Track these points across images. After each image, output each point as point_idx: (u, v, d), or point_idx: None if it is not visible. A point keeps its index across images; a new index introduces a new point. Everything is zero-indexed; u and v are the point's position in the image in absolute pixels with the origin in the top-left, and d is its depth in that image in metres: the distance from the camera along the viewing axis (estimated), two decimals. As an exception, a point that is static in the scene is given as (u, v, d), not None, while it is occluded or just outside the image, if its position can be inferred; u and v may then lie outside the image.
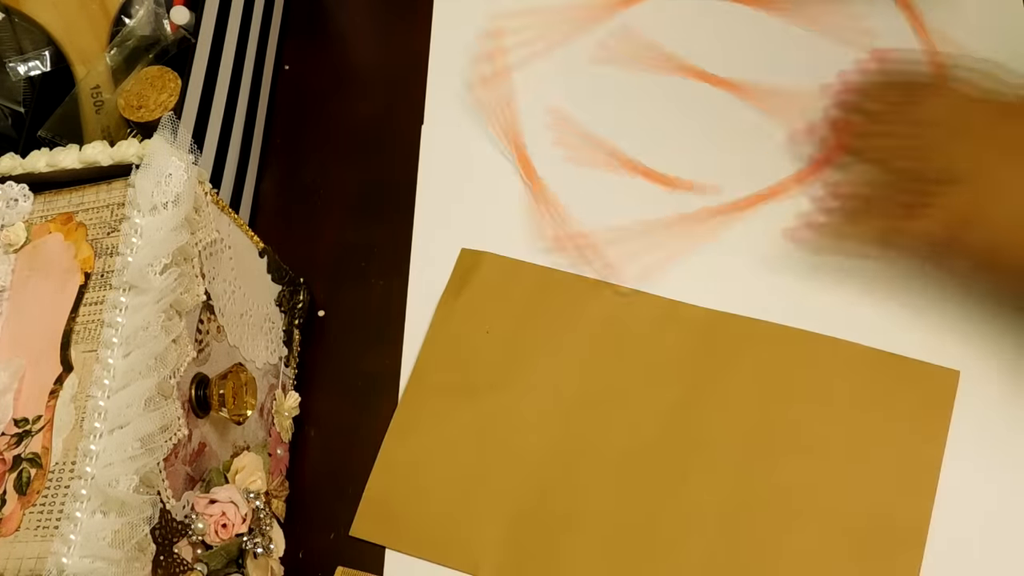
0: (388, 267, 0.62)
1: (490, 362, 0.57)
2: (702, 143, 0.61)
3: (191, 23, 0.61)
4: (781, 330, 0.54)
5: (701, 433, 0.52)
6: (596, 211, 0.60)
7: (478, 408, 0.55)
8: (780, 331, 0.54)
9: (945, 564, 0.47)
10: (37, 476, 0.41)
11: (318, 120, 0.69)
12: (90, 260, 0.46)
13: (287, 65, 0.72)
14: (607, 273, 0.57)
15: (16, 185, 0.50)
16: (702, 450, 0.52)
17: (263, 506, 0.49)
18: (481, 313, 0.58)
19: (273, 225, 0.65)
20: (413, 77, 0.68)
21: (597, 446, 0.53)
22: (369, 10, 0.74)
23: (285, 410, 0.56)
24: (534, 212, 0.60)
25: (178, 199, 0.45)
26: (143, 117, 0.60)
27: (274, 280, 0.57)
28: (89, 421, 0.40)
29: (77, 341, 0.44)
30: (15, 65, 0.63)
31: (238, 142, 0.64)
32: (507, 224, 0.61)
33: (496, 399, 0.55)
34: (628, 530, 0.51)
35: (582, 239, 0.59)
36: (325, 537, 0.54)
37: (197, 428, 0.46)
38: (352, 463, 0.56)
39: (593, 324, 0.56)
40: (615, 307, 0.56)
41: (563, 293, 0.58)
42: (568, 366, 0.55)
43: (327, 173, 0.67)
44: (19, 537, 0.40)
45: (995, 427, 0.50)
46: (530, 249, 0.59)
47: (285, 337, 0.58)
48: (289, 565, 0.53)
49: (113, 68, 0.62)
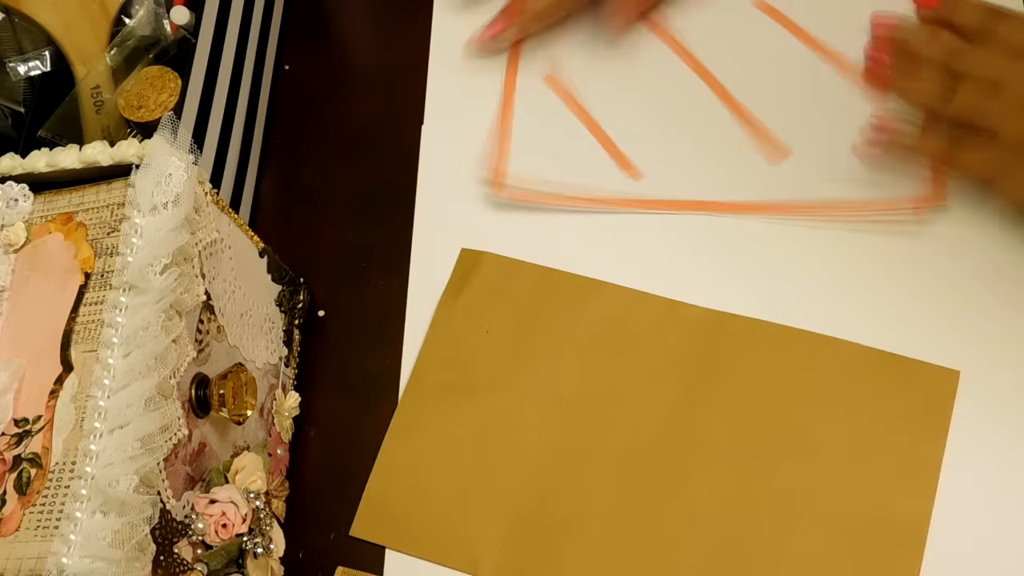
0: (388, 267, 0.62)
1: (490, 362, 0.57)
2: (680, 142, 0.61)
3: (191, 23, 0.61)
4: (781, 330, 0.54)
5: (701, 434, 0.52)
6: (540, 161, 0.62)
7: (478, 408, 0.55)
8: (780, 331, 0.54)
9: (945, 565, 0.47)
10: (37, 476, 0.41)
11: (318, 120, 0.69)
12: (90, 260, 0.46)
13: (287, 65, 0.72)
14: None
15: (16, 185, 0.50)
16: (702, 450, 0.52)
17: (263, 506, 0.49)
18: (481, 313, 0.58)
19: (273, 225, 0.65)
20: (413, 77, 0.68)
21: (597, 446, 0.53)
22: (369, 10, 0.74)
23: (285, 410, 0.56)
24: (492, 137, 0.62)
25: (178, 199, 0.45)
26: (143, 117, 0.60)
27: (274, 280, 0.57)
28: (89, 421, 0.40)
29: (77, 341, 0.44)
30: (15, 65, 0.63)
31: (238, 142, 0.64)
32: (507, 224, 0.61)
33: (496, 399, 0.55)
34: (628, 530, 0.51)
35: (514, 179, 0.60)
36: (325, 537, 0.54)
37: (197, 428, 0.46)
38: (352, 463, 0.56)
39: (593, 324, 0.56)
40: (615, 307, 0.56)
41: (563, 293, 0.58)
42: (568, 366, 0.55)
43: (327, 173, 0.67)
44: (19, 537, 0.40)
45: (995, 427, 0.50)
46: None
47: (285, 337, 0.58)
48: (289, 565, 0.53)
49: (113, 68, 0.62)
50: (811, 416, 0.51)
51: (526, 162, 0.62)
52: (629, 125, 0.62)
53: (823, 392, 0.52)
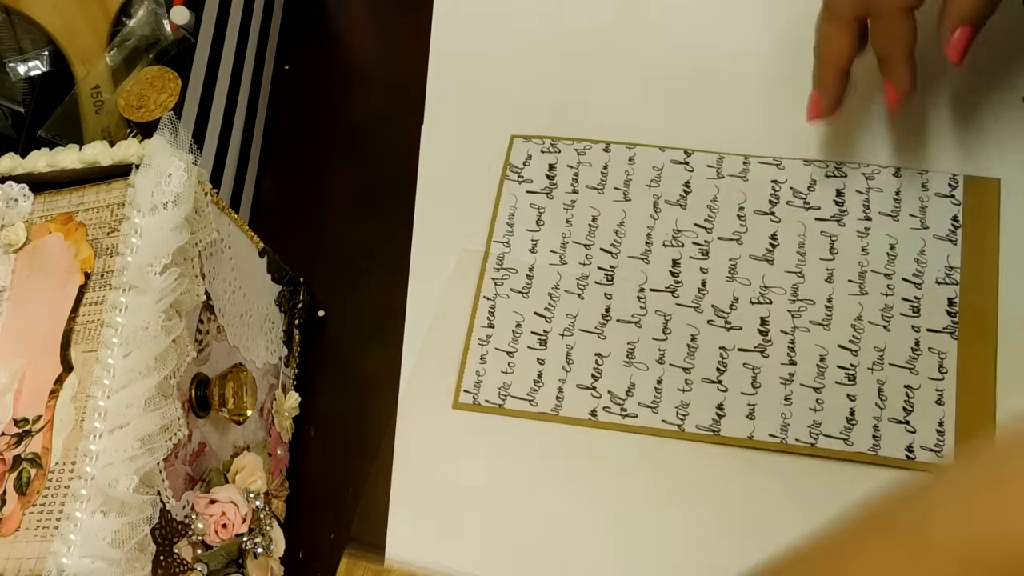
0: (388, 267, 0.61)
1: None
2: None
3: (191, 23, 0.61)
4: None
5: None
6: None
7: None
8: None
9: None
10: (37, 476, 0.41)
11: (318, 120, 0.69)
12: (90, 260, 0.46)
13: (287, 65, 0.72)
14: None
15: (16, 185, 0.50)
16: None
17: (263, 506, 0.49)
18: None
19: (273, 225, 0.65)
20: (413, 77, 0.68)
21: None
22: (369, 10, 0.74)
23: (285, 410, 0.56)
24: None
25: (178, 199, 0.45)
26: (143, 117, 0.60)
27: (274, 280, 0.57)
28: (89, 421, 0.40)
29: (77, 341, 0.44)
30: (15, 65, 0.63)
31: (238, 142, 0.64)
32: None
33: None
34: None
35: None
36: (325, 537, 0.54)
37: (197, 428, 0.46)
38: (352, 463, 0.56)
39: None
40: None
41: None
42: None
43: (327, 173, 0.67)
44: (19, 537, 0.40)
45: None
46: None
47: (285, 337, 0.58)
48: (289, 565, 0.53)
49: (113, 68, 0.62)
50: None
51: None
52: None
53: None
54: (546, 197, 0.60)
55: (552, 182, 0.61)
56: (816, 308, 0.54)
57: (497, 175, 0.62)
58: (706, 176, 0.59)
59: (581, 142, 0.61)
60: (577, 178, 0.61)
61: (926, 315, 0.53)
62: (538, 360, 0.56)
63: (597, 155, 0.61)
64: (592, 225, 0.59)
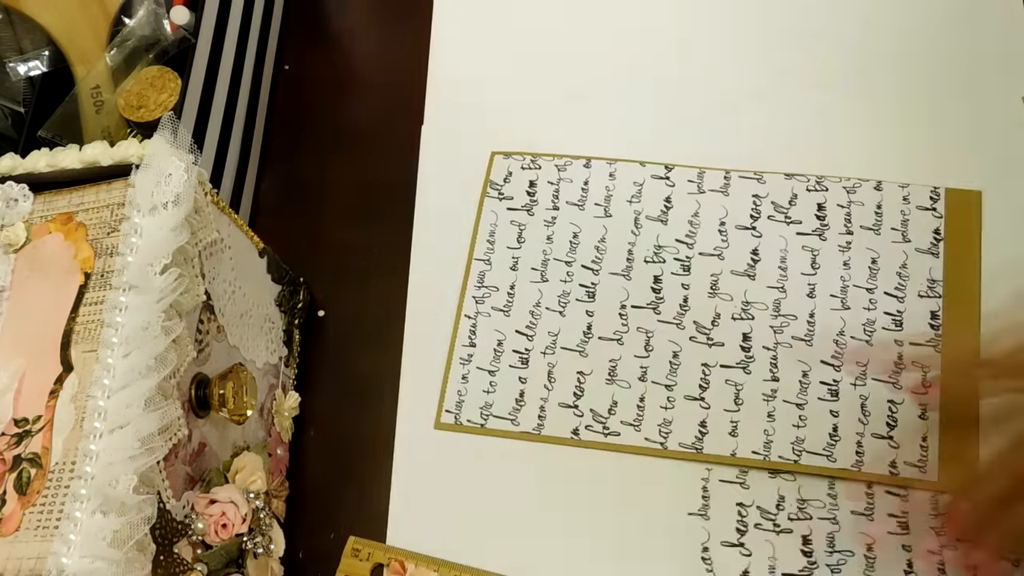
0: (388, 267, 0.62)
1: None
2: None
3: (191, 23, 0.61)
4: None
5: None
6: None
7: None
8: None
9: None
10: (37, 476, 0.41)
11: (318, 120, 0.69)
12: (90, 260, 0.46)
13: (287, 65, 0.72)
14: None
15: (16, 185, 0.50)
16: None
17: (263, 506, 0.49)
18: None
19: (273, 225, 0.65)
20: (413, 77, 0.68)
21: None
22: (369, 10, 0.74)
23: (285, 410, 0.56)
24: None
25: (178, 199, 0.45)
26: (143, 117, 0.60)
27: (274, 280, 0.57)
28: (89, 421, 0.40)
29: (77, 341, 0.44)
30: (15, 65, 0.63)
31: (238, 142, 0.64)
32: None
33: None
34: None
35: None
36: (325, 537, 0.54)
37: (197, 428, 0.46)
38: (352, 463, 0.56)
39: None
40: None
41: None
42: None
43: (327, 173, 0.67)
44: (19, 537, 0.40)
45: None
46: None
47: (285, 337, 0.58)
48: (289, 565, 0.53)
49: (113, 68, 0.62)
50: None
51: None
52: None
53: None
54: (527, 214, 0.60)
55: (533, 199, 0.61)
56: (798, 323, 0.54)
57: (478, 191, 0.62)
58: (687, 191, 0.59)
59: (561, 158, 0.61)
60: (558, 194, 0.61)
61: (909, 329, 0.53)
62: (520, 379, 0.56)
63: (578, 171, 0.61)
64: (573, 242, 0.59)
